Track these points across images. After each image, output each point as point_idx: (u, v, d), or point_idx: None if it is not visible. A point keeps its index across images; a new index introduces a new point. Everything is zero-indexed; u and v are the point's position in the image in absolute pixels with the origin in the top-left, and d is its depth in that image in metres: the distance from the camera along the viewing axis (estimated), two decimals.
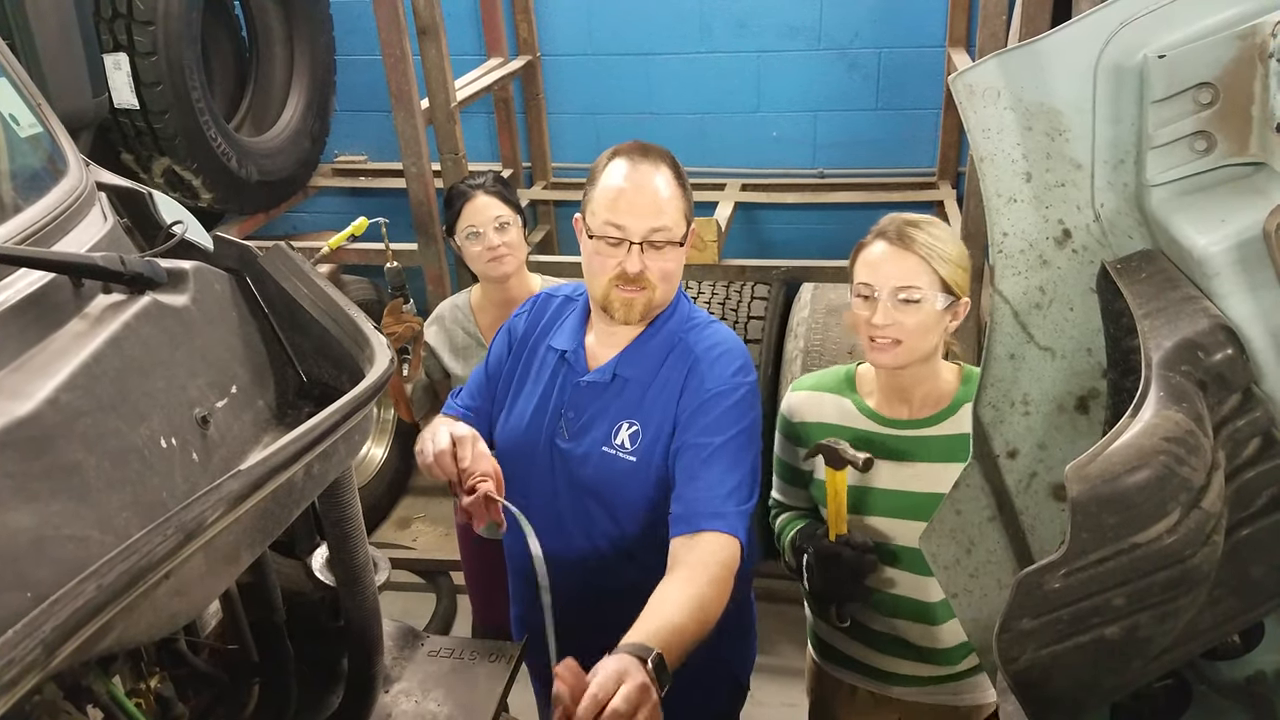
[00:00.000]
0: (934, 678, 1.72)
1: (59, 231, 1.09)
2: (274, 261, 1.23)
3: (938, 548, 1.22)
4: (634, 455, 1.55)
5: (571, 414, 1.60)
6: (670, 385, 1.55)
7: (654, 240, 1.49)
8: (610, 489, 1.58)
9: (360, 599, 1.29)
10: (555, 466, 1.62)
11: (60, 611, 0.63)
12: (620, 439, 1.56)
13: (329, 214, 4.43)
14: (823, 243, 3.91)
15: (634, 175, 1.50)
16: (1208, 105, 0.88)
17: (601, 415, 1.58)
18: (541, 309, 1.73)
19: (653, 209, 1.49)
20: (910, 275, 1.48)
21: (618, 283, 1.51)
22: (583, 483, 1.60)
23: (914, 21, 3.66)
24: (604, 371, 1.58)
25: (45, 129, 1.24)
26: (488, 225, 2.24)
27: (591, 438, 1.58)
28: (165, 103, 2.94)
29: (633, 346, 1.58)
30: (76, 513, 0.80)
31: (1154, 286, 0.92)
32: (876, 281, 1.50)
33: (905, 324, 1.49)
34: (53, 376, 0.86)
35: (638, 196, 1.49)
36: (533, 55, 3.99)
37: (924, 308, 1.48)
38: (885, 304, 1.49)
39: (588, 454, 1.58)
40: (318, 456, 0.94)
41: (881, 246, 1.52)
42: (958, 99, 1.03)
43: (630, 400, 1.57)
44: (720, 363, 1.55)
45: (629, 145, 1.54)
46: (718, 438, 1.50)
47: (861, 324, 1.53)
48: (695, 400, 1.52)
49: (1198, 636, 0.89)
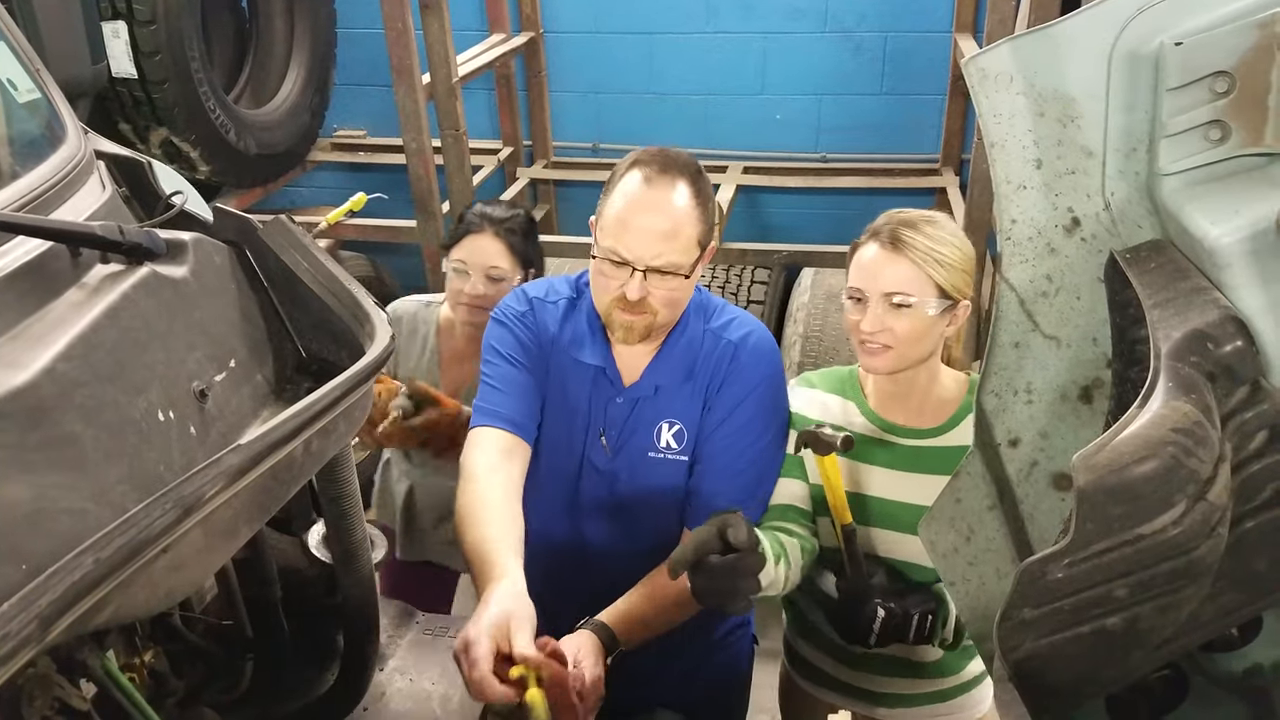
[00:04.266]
0: (925, 694, 1.67)
1: (56, 199, 1.07)
2: (274, 234, 1.21)
3: (936, 535, 1.21)
4: (683, 454, 1.54)
5: (614, 432, 1.55)
6: (706, 377, 1.53)
7: (658, 268, 1.41)
8: (655, 492, 1.55)
9: (357, 576, 1.29)
10: (585, 484, 1.58)
11: (57, 585, 0.62)
12: (665, 441, 1.53)
13: (327, 189, 4.41)
14: (824, 227, 3.90)
15: (646, 197, 1.40)
16: (1224, 94, 0.87)
17: (639, 423, 1.54)
18: (540, 312, 1.59)
19: (660, 239, 1.39)
20: (902, 281, 1.43)
21: (619, 305, 1.45)
22: (615, 498, 1.56)
23: (920, 5, 3.64)
24: (645, 386, 1.53)
25: (44, 95, 1.22)
26: (479, 271, 1.93)
27: (634, 447, 1.54)
28: (164, 72, 2.91)
29: (662, 354, 1.53)
30: (73, 485, 0.79)
31: (1163, 277, 0.91)
32: (867, 286, 1.45)
33: (896, 330, 1.44)
34: (50, 346, 0.85)
35: (646, 222, 1.39)
36: (535, 32, 3.96)
37: (916, 313, 1.43)
38: (875, 309, 1.44)
39: (633, 465, 1.54)
40: (317, 432, 0.94)
41: (874, 249, 1.46)
42: (970, 83, 1.02)
43: (665, 403, 1.53)
44: (757, 353, 1.53)
45: (650, 155, 1.44)
46: (755, 438, 1.51)
47: (853, 328, 1.49)
48: (740, 393, 1.51)
49: (1198, 629, 0.88)
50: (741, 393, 1.51)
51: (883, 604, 1.45)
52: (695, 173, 1.44)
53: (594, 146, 4.14)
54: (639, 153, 1.46)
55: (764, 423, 1.53)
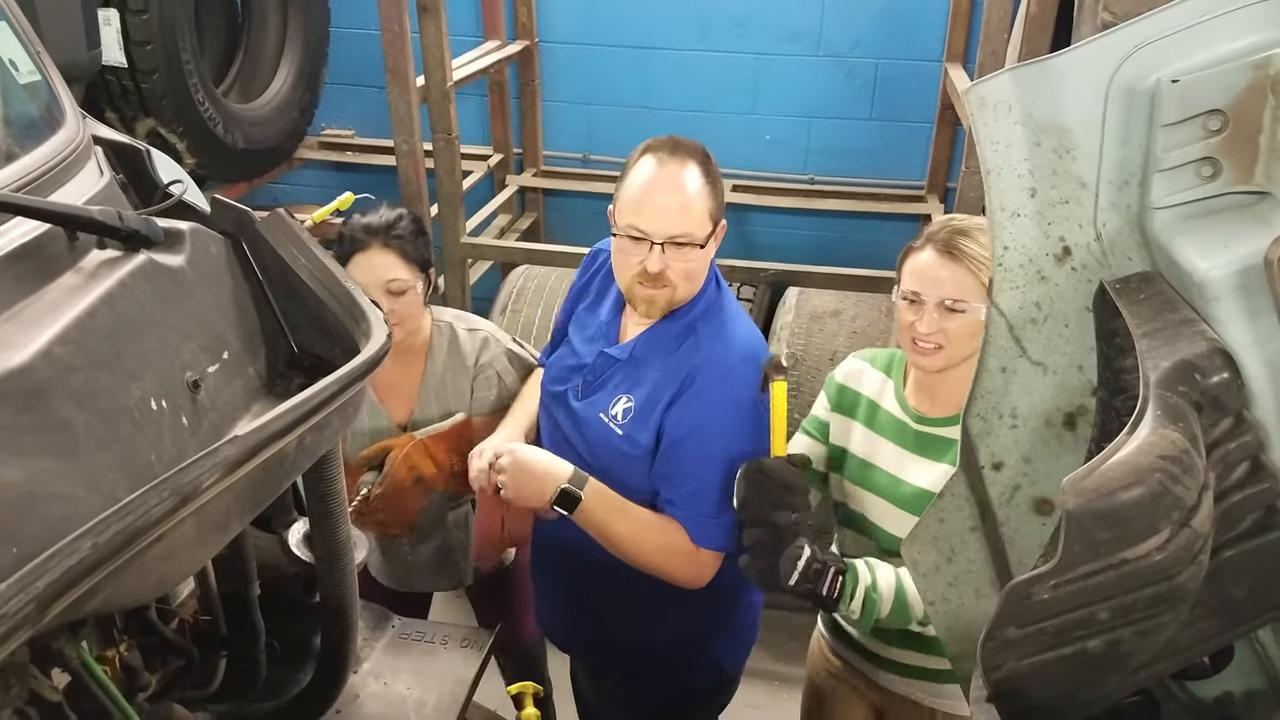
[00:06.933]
0: (918, 669, 1.74)
1: (54, 183, 1.06)
2: (271, 228, 1.21)
3: (919, 554, 1.23)
4: (621, 430, 1.60)
5: (590, 377, 1.66)
6: (670, 378, 1.58)
7: (676, 241, 1.51)
8: (598, 454, 1.64)
9: (339, 576, 1.28)
10: (562, 416, 1.70)
11: (55, 568, 0.61)
12: (615, 410, 1.61)
13: (312, 187, 4.38)
14: (810, 248, 3.93)
15: (660, 176, 1.51)
16: (1217, 132, 0.89)
17: (609, 384, 1.63)
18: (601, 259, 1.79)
19: (675, 212, 1.50)
20: (959, 288, 1.51)
21: (641, 280, 1.54)
22: (578, 439, 1.67)
23: (914, 34, 3.69)
24: (625, 349, 1.64)
25: (44, 77, 1.21)
26: (378, 289, 1.81)
27: (596, 403, 1.64)
28: (154, 62, 2.88)
29: (654, 330, 1.62)
30: (64, 470, 0.79)
31: (1152, 308, 0.93)
32: (924, 290, 1.53)
33: (949, 331, 1.52)
34: (46, 329, 0.84)
35: (661, 199, 1.50)
36: (530, 40, 3.97)
37: (969, 317, 1.51)
38: (931, 313, 1.52)
39: (589, 418, 1.64)
40: (312, 428, 0.93)
41: (930, 255, 1.54)
42: (969, 110, 1.04)
43: (636, 376, 1.61)
44: (718, 378, 1.57)
45: (660, 141, 1.55)
46: (706, 457, 1.56)
47: (906, 327, 1.57)
48: (684, 425, 1.57)
49: (1175, 654, 0.90)
50: (693, 411, 1.57)
51: (810, 545, 1.48)
52: (704, 156, 1.55)
53: (584, 157, 4.15)
54: (650, 141, 1.57)
55: (710, 446, 1.57)
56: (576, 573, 1.75)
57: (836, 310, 3.09)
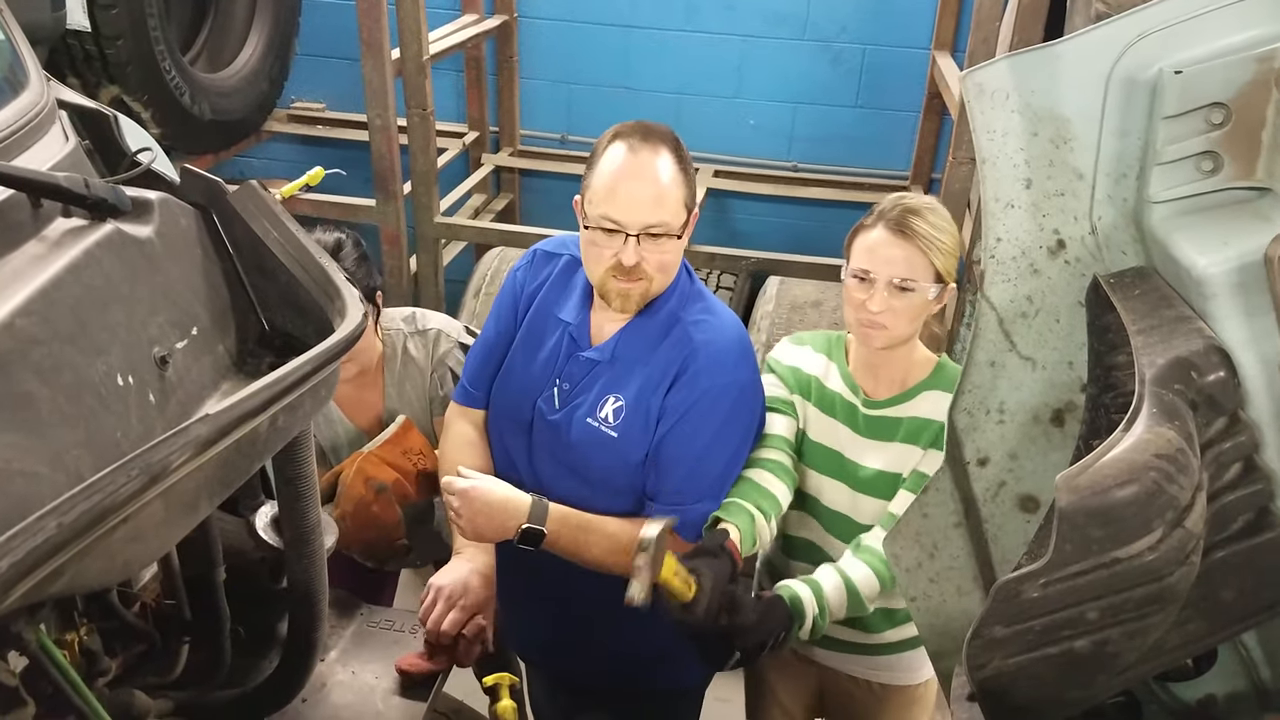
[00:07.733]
0: (852, 644, 1.77)
1: (16, 147, 1.01)
2: (244, 200, 1.16)
3: (901, 550, 1.21)
4: (615, 430, 1.55)
5: (566, 385, 1.59)
6: (662, 370, 1.54)
7: (651, 231, 1.45)
8: (587, 461, 1.57)
9: (308, 561, 1.24)
10: (536, 434, 1.62)
11: (19, 548, 0.58)
12: (604, 412, 1.55)
13: (281, 161, 4.29)
14: (791, 236, 3.90)
15: (632, 164, 1.44)
16: (1219, 126, 0.88)
17: (592, 388, 1.57)
18: (540, 265, 1.68)
19: (650, 202, 1.44)
20: (909, 267, 1.51)
21: (614, 274, 1.48)
22: (562, 452, 1.59)
23: (901, 20, 3.66)
24: (604, 350, 1.57)
25: (6, 36, 1.15)
26: None
27: (578, 409, 1.57)
28: (119, 28, 2.80)
29: (633, 325, 1.56)
30: (28, 447, 0.75)
31: (1148, 303, 0.92)
32: (874, 268, 1.52)
33: (896, 309, 1.52)
34: (8, 300, 0.80)
35: (635, 188, 1.44)
36: (509, 15, 3.90)
37: (917, 296, 1.52)
38: (881, 291, 1.51)
39: (571, 424, 1.57)
40: (284, 408, 0.90)
41: (882, 233, 1.53)
42: (966, 97, 1.02)
43: (621, 376, 1.56)
44: (718, 359, 1.54)
45: (630, 127, 1.49)
46: (700, 442, 1.52)
47: (855, 306, 1.56)
48: (689, 397, 1.52)
49: (1162, 655, 0.89)
50: (691, 397, 1.53)
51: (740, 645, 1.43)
52: (675, 141, 1.50)
53: (562, 138, 4.09)
54: (618, 126, 1.50)
55: (714, 429, 1.54)
56: (544, 580, 1.66)
57: (818, 300, 3.08)
